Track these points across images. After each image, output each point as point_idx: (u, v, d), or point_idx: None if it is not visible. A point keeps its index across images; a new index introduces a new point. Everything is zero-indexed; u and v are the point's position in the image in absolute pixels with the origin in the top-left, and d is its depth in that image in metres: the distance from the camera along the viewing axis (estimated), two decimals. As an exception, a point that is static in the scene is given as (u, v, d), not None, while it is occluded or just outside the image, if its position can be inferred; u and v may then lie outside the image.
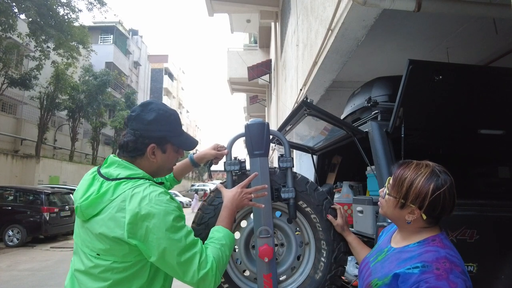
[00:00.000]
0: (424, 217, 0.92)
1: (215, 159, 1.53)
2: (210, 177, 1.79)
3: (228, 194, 1.27)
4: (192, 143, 1.23)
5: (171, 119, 1.16)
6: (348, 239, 1.41)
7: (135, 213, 0.96)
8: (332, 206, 1.47)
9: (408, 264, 0.89)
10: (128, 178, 1.04)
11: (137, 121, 1.11)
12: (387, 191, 1.00)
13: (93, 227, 1.00)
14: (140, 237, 0.96)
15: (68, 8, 12.78)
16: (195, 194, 23.11)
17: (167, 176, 1.54)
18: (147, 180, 1.07)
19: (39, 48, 12.49)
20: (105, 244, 0.99)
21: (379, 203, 1.06)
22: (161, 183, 1.20)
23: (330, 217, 1.44)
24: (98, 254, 1.00)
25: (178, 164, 1.55)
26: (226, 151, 1.50)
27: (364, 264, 1.11)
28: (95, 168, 1.11)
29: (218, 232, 1.15)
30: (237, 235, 1.55)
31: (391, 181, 1.00)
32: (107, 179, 1.04)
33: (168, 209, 1.00)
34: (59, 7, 12.65)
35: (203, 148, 1.62)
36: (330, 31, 3.16)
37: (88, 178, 1.09)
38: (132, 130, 1.11)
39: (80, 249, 1.05)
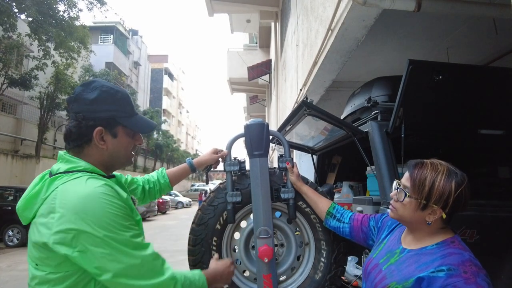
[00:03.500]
0: (444, 216, 0.91)
1: (216, 163, 1.53)
2: (207, 182, 1.78)
3: (221, 269, 1.21)
4: (148, 125, 1.06)
5: (118, 96, 0.98)
6: (303, 189, 1.44)
7: (64, 213, 0.80)
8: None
9: (431, 267, 0.87)
10: (66, 172, 0.89)
11: (78, 102, 0.94)
12: (408, 193, 0.95)
13: (30, 232, 0.86)
14: (70, 243, 0.79)
15: (67, 4, 12.71)
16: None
17: (161, 181, 1.43)
18: (88, 173, 0.91)
19: (42, 48, 12.46)
20: (39, 252, 0.83)
21: (390, 207, 1.02)
22: (112, 177, 1.05)
23: (289, 164, 1.45)
24: (36, 264, 0.85)
25: (175, 168, 1.51)
26: (225, 151, 1.51)
27: (372, 266, 1.06)
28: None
29: (196, 276, 1.01)
30: (236, 235, 1.56)
31: (408, 183, 0.96)
32: (50, 176, 0.90)
33: (106, 206, 0.83)
34: (59, 2, 12.57)
35: (202, 151, 1.62)
36: (330, 31, 3.16)
37: (37, 177, 0.94)
38: (74, 113, 0.95)
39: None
